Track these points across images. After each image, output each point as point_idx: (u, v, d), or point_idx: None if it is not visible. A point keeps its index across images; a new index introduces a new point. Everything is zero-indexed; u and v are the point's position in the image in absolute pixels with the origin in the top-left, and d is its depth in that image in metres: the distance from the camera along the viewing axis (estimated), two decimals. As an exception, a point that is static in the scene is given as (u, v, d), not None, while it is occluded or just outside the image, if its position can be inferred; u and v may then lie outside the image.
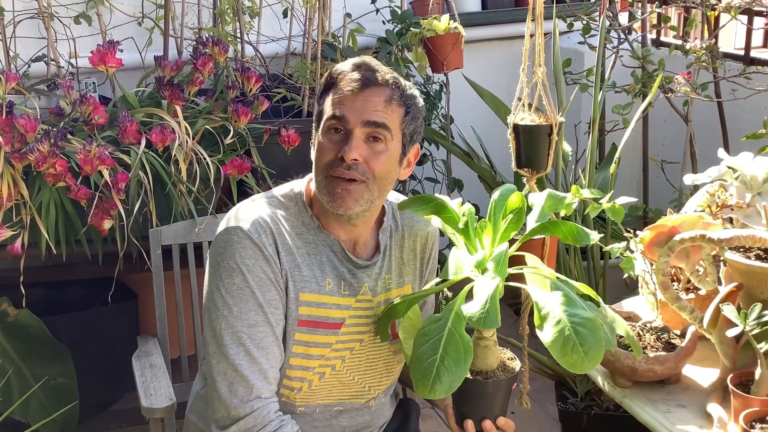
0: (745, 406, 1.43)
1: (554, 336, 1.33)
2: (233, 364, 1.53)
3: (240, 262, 1.55)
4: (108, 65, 2.55)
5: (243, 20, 2.98)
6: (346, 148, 1.54)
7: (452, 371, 1.38)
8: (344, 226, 1.65)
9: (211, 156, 2.47)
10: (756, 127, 2.62)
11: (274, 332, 1.57)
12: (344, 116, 1.55)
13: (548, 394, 2.95)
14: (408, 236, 1.74)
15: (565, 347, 1.32)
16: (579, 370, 1.31)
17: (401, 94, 1.59)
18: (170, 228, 2.21)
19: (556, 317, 1.34)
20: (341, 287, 1.65)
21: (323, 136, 1.58)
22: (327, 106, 1.59)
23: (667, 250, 1.63)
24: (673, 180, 3.29)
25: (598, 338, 1.32)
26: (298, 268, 1.60)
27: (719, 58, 3.01)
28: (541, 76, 1.80)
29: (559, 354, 1.32)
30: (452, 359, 1.38)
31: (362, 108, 1.55)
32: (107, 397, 3.03)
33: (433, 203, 1.56)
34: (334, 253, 1.64)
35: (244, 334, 1.54)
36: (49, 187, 2.32)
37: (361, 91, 1.55)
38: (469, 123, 3.43)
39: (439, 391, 1.37)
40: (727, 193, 1.76)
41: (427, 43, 3.08)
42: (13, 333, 2.65)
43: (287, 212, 1.63)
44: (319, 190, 1.59)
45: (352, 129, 1.55)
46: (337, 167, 1.55)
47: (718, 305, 1.55)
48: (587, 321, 1.33)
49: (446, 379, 1.37)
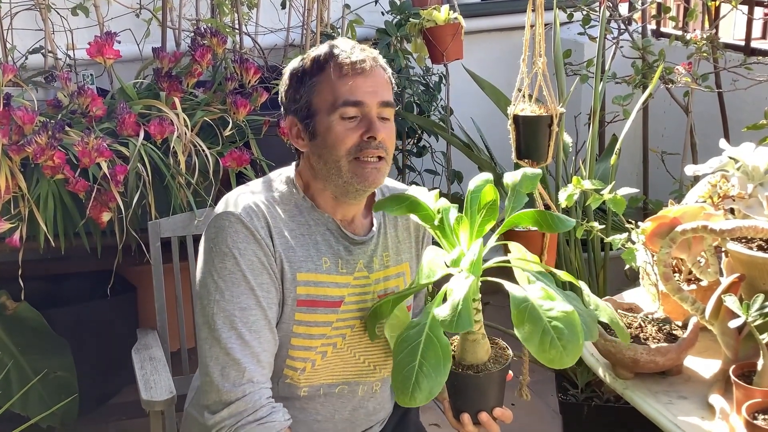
0: (748, 397, 1.42)
1: (530, 332, 1.31)
2: (225, 347, 1.53)
3: (232, 246, 1.56)
4: (106, 57, 2.54)
5: (241, 11, 2.97)
6: (372, 128, 1.58)
7: (431, 377, 1.36)
8: (342, 205, 1.66)
9: (209, 148, 2.47)
10: (756, 118, 2.62)
11: (266, 316, 1.57)
12: (362, 101, 1.59)
13: (548, 386, 2.94)
14: (400, 216, 1.76)
15: (543, 343, 1.30)
16: (558, 366, 1.29)
17: (386, 70, 1.66)
18: (169, 220, 2.20)
19: (533, 313, 1.33)
20: (339, 265, 1.65)
21: (336, 122, 1.59)
22: (329, 91, 1.59)
23: (668, 241, 1.62)
24: (673, 171, 3.29)
25: (575, 332, 1.30)
26: (293, 249, 1.61)
27: (720, 49, 3.00)
28: (542, 67, 1.79)
29: (537, 350, 1.30)
30: (431, 365, 1.36)
31: (375, 89, 1.60)
32: (107, 391, 3.02)
33: (407, 202, 1.57)
34: (330, 231, 1.66)
35: (236, 318, 1.54)
36: (48, 180, 2.31)
37: (368, 72, 1.60)
38: (468, 114, 3.42)
39: (419, 399, 1.36)
40: (728, 184, 1.75)
41: (426, 34, 3.07)
42: (12, 326, 2.64)
43: (280, 195, 1.65)
44: (340, 172, 1.60)
45: (369, 110, 1.59)
46: (365, 149, 1.58)
47: (720, 296, 1.55)
48: (564, 315, 1.31)
49: (426, 385, 1.35)
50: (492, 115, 3.18)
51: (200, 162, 2.44)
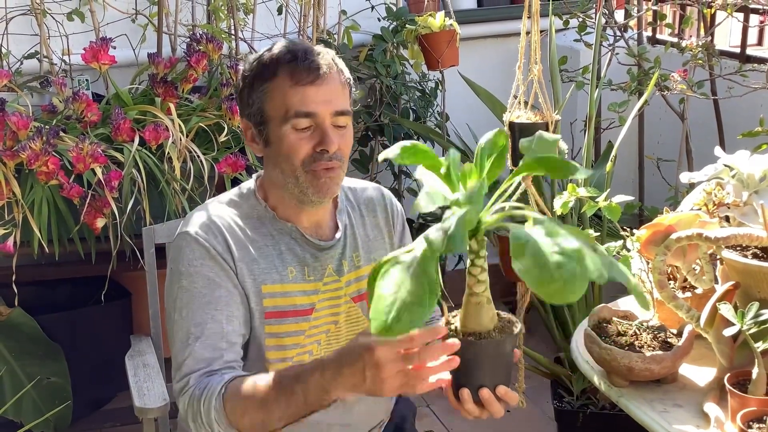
0: (743, 405, 1.42)
1: (529, 264, 1.16)
2: (180, 365, 1.55)
3: (188, 265, 1.57)
4: (101, 62, 2.54)
5: (237, 17, 2.97)
6: (325, 141, 1.56)
7: (413, 310, 1.21)
8: (306, 213, 1.65)
9: (205, 154, 2.46)
10: (752, 125, 2.61)
11: (222, 329, 1.56)
12: (314, 112, 1.56)
13: (544, 393, 2.94)
14: (367, 213, 1.77)
15: (543, 275, 1.14)
16: (558, 301, 1.14)
17: (344, 74, 1.62)
18: (164, 226, 2.19)
19: (534, 246, 1.17)
20: (306, 273, 1.65)
21: (289, 132, 1.57)
22: (281, 100, 1.56)
23: (663, 249, 1.62)
24: (668, 178, 3.29)
25: (582, 267, 1.15)
26: (256, 261, 1.61)
27: (715, 56, 3.00)
28: (537, 74, 1.79)
29: (535, 282, 1.15)
30: (415, 296, 1.21)
31: (327, 99, 1.57)
32: (100, 397, 3.01)
33: (412, 149, 1.39)
34: (294, 240, 1.65)
35: (191, 334, 1.55)
36: (42, 185, 2.30)
37: (321, 81, 1.56)
38: (464, 120, 3.42)
39: (396, 330, 1.21)
40: (723, 192, 1.75)
41: (422, 41, 3.07)
42: (5, 332, 2.63)
43: (239, 210, 1.65)
44: (296, 184, 1.59)
45: (322, 121, 1.57)
46: (318, 161, 1.57)
47: (715, 304, 1.55)
48: (571, 250, 1.16)
49: (406, 317, 1.20)
50: (488, 121, 3.17)
51: (195, 168, 2.44)
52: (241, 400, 1.46)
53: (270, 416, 1.44)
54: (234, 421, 1.47)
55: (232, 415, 1.47)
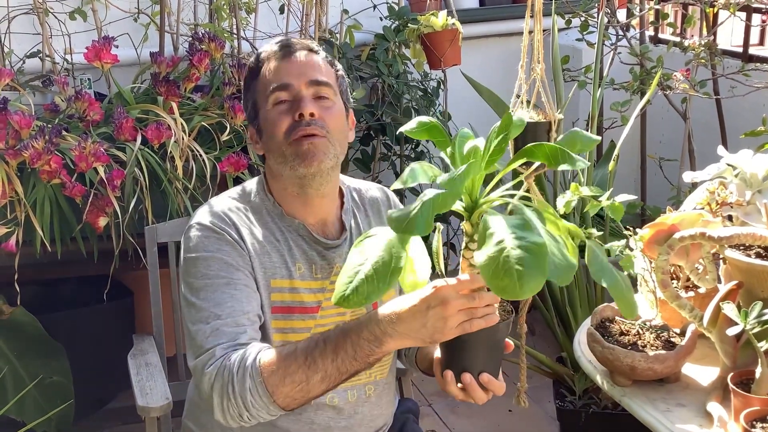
0: (746, 405, 1.42)
1: (490, 256, 1.15)
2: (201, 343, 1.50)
3: (204, 250, 1.57)
4: (103, 61, 2.54)
5: (239, 16, 2.96)
6: (300, 106, 1.57)
7: (373, 283, 1.22)
8: (311, 206, 1.65)
9: (207, 153, 2.46)
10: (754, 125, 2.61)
11: (243, 308, 1.53)
12: (289, 83, 1.59)
13: (546, 393, 2.94)
14: (372, 213, 1.78)
15: (498, 268, 1.14)
16: (508, 296, 1.14)
17: (327, 56, 1.66)
18: (166, 225, 2.19)
19: (500, 237, 1.17)
20: (313, 271, 1.65)
21: (270, 110, 1.60)
22: (262, 85, 1.61)
23: (666, 248, 1.62)
24: (670, 177, 3.29)
25: (538, 265, 1.14)
26: (267, 254, 1.61)
27: (718, 55, 3.00)
28: (540, 73, 1.79)
29: (490, 275, 1.15)
30: (377, 272, 1.23)
31: (302, 71, 1.60)
32: (103, 396, 3.01)
33: (427, 126, 1.41)
34: (302, 237, 1.65)
35: (211, 314, 1.52)
36: (44, 184, 2.30)
37: (295, 56, 1.61)
38: (466, 120, 3.41)
39: (353, 301, 1.23)
40: (727, 191, 1.75)
41: (424, 40, 3.07)
42: (7, 331, 2.63)
43: (249, 205, 1.66)
44: (285, 159, 1.59)
45: (299, 91, 1.59)
46: (297, 128, 1.57)
47: (719, 304, 1.54)
48: (533, 245, 1.15)
49: (363, 289, 1.22)
50: (490, 120, 3.16)
51: (197, 167, 2.44)
52: (282, 361, 1.41)
53: (314, 375, 1.39)
54: (273, 385, 1.40)
55: (271, 379, 1.40)
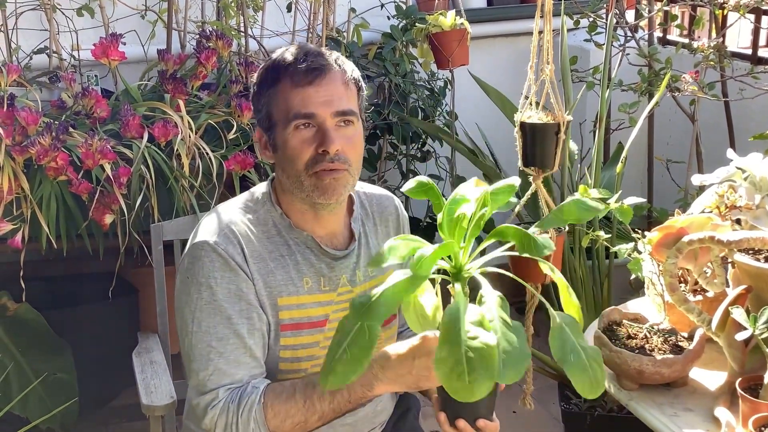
0: (754, 410, 1.41)
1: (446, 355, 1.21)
2: (203, 380, 1.55)
3: (209, 276, 1.55)
4: (110, 58, 2.53)
5: (247, 14, 2.96)
6: (326, 141, 1.53)
7: (349, 364, 1.27)
8: (321, 220, 1.63)
9: (213, 151, 2.45)
10: (763, 128, 2.61)
11: (245, 344, 1.55)
12: (314, 113, 1.54)
13: (551, 395, 2.93)
14: (380, 222, 1.76)
15: (453, 371, 1.19)
16: (459, 398, 1.19)
17: (350, 74, 1.60)
18: (172, 223, 2.19)
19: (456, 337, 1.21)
20: (321, 284, 1.64)
21: (292, 135, 1.55)
22: (284, 103, 1.56)
23: (675, 252, 1.61)
24: (677, 180, 3.27)
25: (488, 369, 1.19)
26: (272, 273, 1.59)
27: (727, 57, 2.98)
28: (549, 74, 1.78)
29: (445, 376, 1.20)
30: (352, 353, 1.27)
31: (327, 99, 1.54)
32: (107, 393, 3.01)
33: (425, 187, 1.48)
34: (310, 249, 1.63)
35: (212, 349, 1.54)
36: (50, 181, 2.30)
37: (321, 81, 1.54)
38: (473, 120, 3.41)
39: (331, 382, 1.27)
40: (736, 194, 1.73)
41: (432, 39, 3.05)
42: (12, 327, 2.63)
43: (255, 216, 1.62)
44: (302, 188, 1.57)
45: (323, 121, 1.55)
46: (320, 162, 1.54)
47: (727, 308, 1.53)
48: (484, 347, 1.19)
49: (340, 369, 1.27)
50: (497, 121, 3.17)
51: (204, 165, 2.43)
52: (283, 404, 1.51)
53: (312, 416, 1.50)
54: (275, 426, 1.51)
55: (274, 421, 1.51)
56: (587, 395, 1.30)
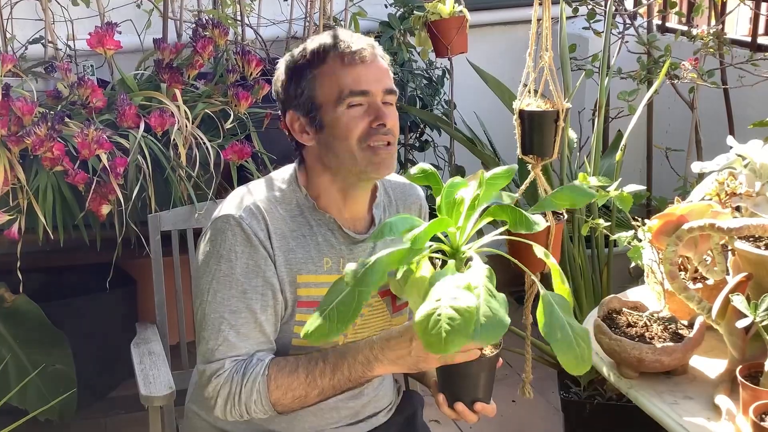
0: (755, 398, 1.41)
1: (425, 313, 1.26)
2: (212, 349, 1.58)
3: (230, 250, 1.59)
4: (106, 48, 2.52)
5: (243, 3, 2.94)
6: (381, 116, 1.58)
7: (334, 320, 1.35)
8: (348, 203, 1.66)
9: (210, 141, 2.44)
10: (762, 115, 2.59)
11: (256, 319, 1.59)
12: (368, 90, 1.59)
13: (550, 383, 2.93)
14: (403, 210, 1.78)
15: (429, 324, 1.24)
16: (434, 351, 1.24)
17: (385, 57, 1.67)
18: (169, 213, 2.18)
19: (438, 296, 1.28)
20: (340, 265, 1.66)
21: (344, 113, 1.58)
22: (334, 83, 1.59)
23: (675, 239, 1.60)
24: (677, 167, 3.27)
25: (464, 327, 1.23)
26: (293, 251, 1.62)
27: (726, 45, 2.97)
28: (548, 61, 1.77)
29: (421, 329, 1.25)
30: (339, 311, 1.35)
31: (378, 77, 1.61)
32: (106, 384, 3.01)
33: (427, 173, 1.58)
34: (331, 231, 1.66)
35: (225, 320, 1.58)
36: (47, 172, 2.29)
37: (371, 59, 1.60)
38: (472, 109, 3.40)
39: (313, 335, 1.34)
40: (736, 182, 1.73)
41: (431, 27, 3.03)
42: (10, 319, 2.62)
43: (281, 194, 1.66)
44: (356, 162, 1.59)
45: (375, 99, 1.59)
46: (374, 135, 1.58)
47: (728, 296, 1.53)
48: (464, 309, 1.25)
49: (326, 324, 1.35)
50: (496, 109, 3.16)
51: (201, 155, 2.42)
52: (286, 377, 1.56)
53: (312, 390, 1.56)
54: (276, 398, 1.56)
55: (276, 393, 1.56)
56: (573, 371, 1.35)
